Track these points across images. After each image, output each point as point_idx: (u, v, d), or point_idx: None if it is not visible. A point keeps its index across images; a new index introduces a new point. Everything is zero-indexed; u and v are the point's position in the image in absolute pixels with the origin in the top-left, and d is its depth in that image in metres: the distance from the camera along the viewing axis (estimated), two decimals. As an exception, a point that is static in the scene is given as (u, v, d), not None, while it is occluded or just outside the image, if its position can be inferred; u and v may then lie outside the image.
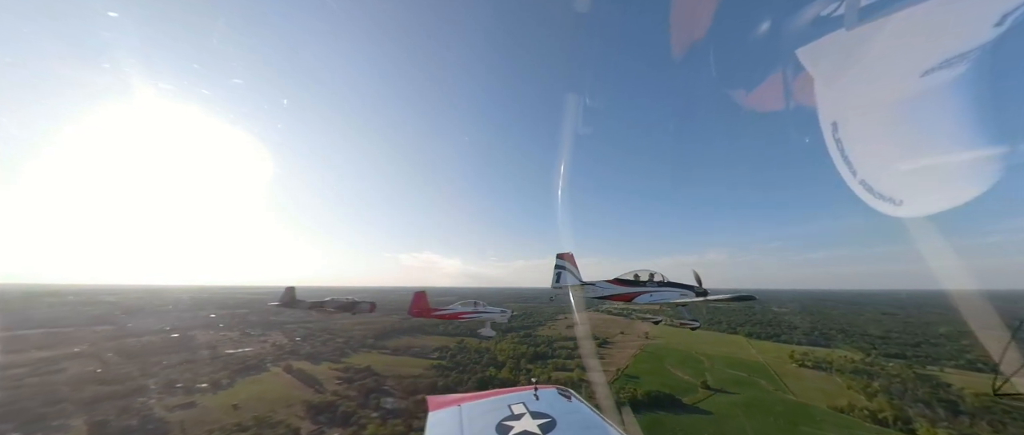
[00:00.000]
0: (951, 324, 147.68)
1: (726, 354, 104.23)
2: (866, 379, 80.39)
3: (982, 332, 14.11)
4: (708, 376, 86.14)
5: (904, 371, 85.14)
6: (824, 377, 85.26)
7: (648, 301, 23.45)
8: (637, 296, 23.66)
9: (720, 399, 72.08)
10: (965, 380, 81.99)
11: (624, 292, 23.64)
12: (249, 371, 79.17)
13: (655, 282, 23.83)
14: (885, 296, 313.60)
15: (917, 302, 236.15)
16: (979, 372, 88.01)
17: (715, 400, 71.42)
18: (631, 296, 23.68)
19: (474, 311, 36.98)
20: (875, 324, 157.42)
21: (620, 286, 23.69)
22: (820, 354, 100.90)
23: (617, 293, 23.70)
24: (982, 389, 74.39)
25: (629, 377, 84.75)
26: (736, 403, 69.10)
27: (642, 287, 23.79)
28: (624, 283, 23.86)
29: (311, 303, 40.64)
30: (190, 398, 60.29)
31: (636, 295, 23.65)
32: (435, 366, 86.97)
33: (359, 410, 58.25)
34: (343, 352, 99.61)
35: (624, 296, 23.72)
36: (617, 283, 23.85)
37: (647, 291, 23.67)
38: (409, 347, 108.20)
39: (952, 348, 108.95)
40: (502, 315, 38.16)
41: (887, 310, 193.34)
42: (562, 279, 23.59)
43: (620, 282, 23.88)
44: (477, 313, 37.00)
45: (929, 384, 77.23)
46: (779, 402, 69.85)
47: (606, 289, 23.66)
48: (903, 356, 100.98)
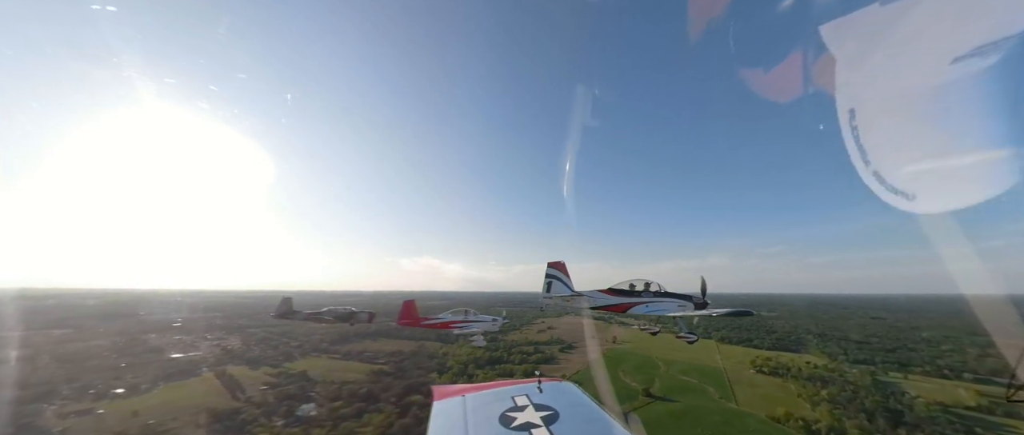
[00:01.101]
0: (936, 329, 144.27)
1: (686, 359, 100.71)
2: (819, 386, 76.76)
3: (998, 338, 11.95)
4: (657, 383, 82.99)
5: (862, 378, 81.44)
6: (778, 384, 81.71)
7: (644, 312, 22.31)
8: (632, 307, 22.56)
9: (658, 408, 68.93)
10: (928, 387, 78.22)
11: (618, 303, 22.55)
12: (179, 376, 77.38)
13: (651, 292, 22.60)
14: (882, 300, 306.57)
15: (913, 306, 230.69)
16: (945, 379, 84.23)
17: (652, 409, 68.27)
18: (625, 307, 22.62)
19: (464, 320, 36.05)
20: (859, 328, 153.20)
21: (614, 296, 22.60)
22: (785, 359, 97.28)
23: (611, 304, 22.64)
24: (942, 397, 70.69)
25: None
26: (673, 412, 65.93)
27: (637, 297, 22.60)
28: (618, 293, 22.69)
29: (307, 314, 40.31)
30: (95, 405, 58.39)
31: (630, 306, 22.55)
32: (376, 371, 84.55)
33: (261, 418, 56.01)
34: (290, 356, 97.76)
35: (618, 307, 22.69)
36: (611, 293, 22.69)
37: (642, 302, 22.48)
38: (362, 352, 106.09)
39: (928, 354, 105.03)
40: (493, 323, 36.99)
41: (877, 314, 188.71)
42: (553, 289, 22.69)
43: (614, 292, 22.72)
44: (467, 322, 36.01)
45: (885, 392, 73.55)
46: (718, 411, 66.56)
47: (599, 299, 22.57)
48: (872, 362, 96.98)
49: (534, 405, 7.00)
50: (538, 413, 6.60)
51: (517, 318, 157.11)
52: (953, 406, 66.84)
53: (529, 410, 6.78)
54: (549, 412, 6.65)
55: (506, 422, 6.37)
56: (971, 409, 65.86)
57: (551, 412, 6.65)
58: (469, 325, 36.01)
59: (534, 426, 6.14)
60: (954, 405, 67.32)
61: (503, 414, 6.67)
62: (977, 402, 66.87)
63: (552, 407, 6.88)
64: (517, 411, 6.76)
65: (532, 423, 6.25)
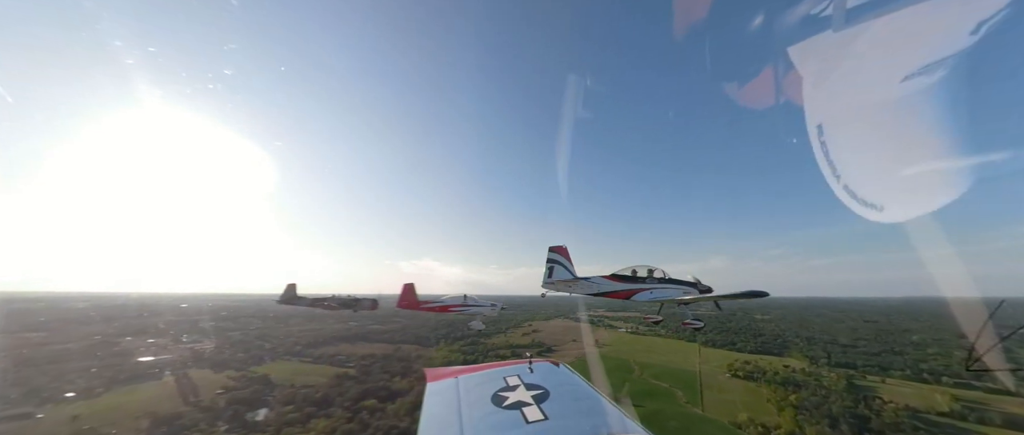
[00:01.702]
0: (927, 332, 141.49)
1: (663, 363, 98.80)
2: (790, 390, 74.71)
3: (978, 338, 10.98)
4: (627, 387, 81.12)
5: (837, 382, 79.27)
6: (751, 388, 79.72)
7: (648, 298, 21.94)
8: (635, 293, 22.13)
9: (620, 412, 67.11)
10: (904, 392, 76.15)
11: (621, 289, 22.14)
12: (139, 379, 76.39)
13: (655, 278, 22.30)
14: (883, 303, 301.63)
15: (912, 309, 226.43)
16: (924, 383, 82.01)
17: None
18: (629, 293, 22.16)
19: (463, 305, 36.20)
20: (849, 332, 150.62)
21: (617, 282, 22.22)
22: (763, 363, 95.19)
23: (614, 290, 22.19)
24: (916, 401, 68.61)
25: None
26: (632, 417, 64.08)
27: (641, 283, 22.24)
28: (621, 279, 22.37)
29: (312, 299, 41.42)
30: (37, 409, 57.39)
31: (634, 292, 22.12)
32: (340, 375, 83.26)
33: (202, 423, 54.80)
34: (259, 360, 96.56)
35: (621, 293, 22.21)
36: (614, 279, 22.37)
37: (646, 288, 22.14)
38: (335, 355, 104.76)
39: (912, 357, 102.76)
40: (492, 309, 36.94)
41: (871, 317, 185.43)
42: (555, 274, 22.17)
43: (617, 278, 22.40)
44: (466, 306, 36.18)
45: (857, 396, 71.41)
46: (680, 416, 64.73)
47: (602, 285, 22.19)
48: (853, 365, 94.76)
49: (525, 385, 7.14)
50: (529, 392, 6.78)
51: (505, 321, 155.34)
52: (924, 411, 64.76)
53: (520, 389, 6.95)
54: (540, 391, 6.81)
55: (498, 401, 6.56)
56: (943, 414, 63.76)
57: (542, 391, 6.82)
58: (467, 309, 36.10)
59: (525, 404, 6.35)
60: (926, 410, 65.24)
61: (495, 393, 6.84)
62: (950, 407, 64.75)
63: (542, 386, 7.02)
64: (509, 391, 6.93)
65: (523, 401, 6.44)
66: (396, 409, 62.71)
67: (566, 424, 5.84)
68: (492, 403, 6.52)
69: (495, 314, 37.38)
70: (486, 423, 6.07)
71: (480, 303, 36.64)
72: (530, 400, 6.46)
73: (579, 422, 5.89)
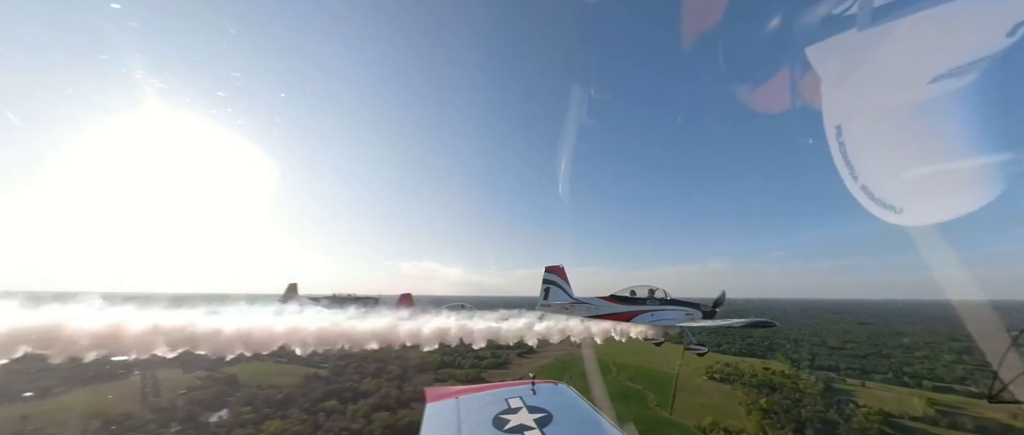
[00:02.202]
0: (920, 335, 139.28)
1: (643, 364, 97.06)
2: (765, 393, 73.11)
3: (984, 341, 14.01)
4: (600, 389, 79.69)
5: (814, 385, 77.62)
6: (725, 391, 78.17)
7: (648, 321, 21.01)
8: (635, 316, 21.24)
9: (585, 415, 65.76)
10: (883, 396, 74.53)
11: (620, 311, 21.27)
12: (105, 379, 75.55)
13: (656, 299, 21.29)
14: (881, 305, 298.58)
15: (910, 312, 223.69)
16: (905, 386, 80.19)
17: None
18: (628, 315, 21.31)
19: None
20: (841, 334, 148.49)
21: (616, 304, 21.34)
22: (745, 365, 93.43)
23: (613, 312, 21.31)
24: (892, 406, 66.90)
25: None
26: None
27: (641, 305, 21.27)
28: (620, 300, 21.42)
29: (312, 298, 41.63)
30: (-11, 409, 56.71)
31: (634, 314, 21.23)
32: (309, 376, 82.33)
33: (152, 424, 53.95)
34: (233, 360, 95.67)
35: (620, 315, 21.34)
36: (612, 300, 21.42)
37: (647, 310, 21.14)
38: (311, 355, 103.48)
39: (898, 360, 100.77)
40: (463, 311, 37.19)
41: (866, 320, 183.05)
42: (551, 296, 21.53)
43: (616, 299, 21.43)
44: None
45: (831, 400, 69.73)
46: (647, 419, 63.37)
47: (600, 307, 21.31)
48: (835, 368, 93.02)
49: (528, 407, 7.09)
50: (532, 415, 6.72)
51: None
52: (898, 416, 63.06)
53: (523, 412, 6.87)
54: (542, 414, 6.76)
55: (499, 424, 6.48)
56: (916, 419, 62.04)
57: (544, 414, 6.76)
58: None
59: (527, 428, 6.25)
60: (900, 415, 63.53)
61: (496, 416, 6.77)
62: (924, 412, 63.00)
63: (545, 409, 6.96)
64: (511, 413, 6.85)
65: (525, 425, 6.34)
66: (356, 410, 61.69)
67: None
68: (493, 426, 6.41)
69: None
70: None
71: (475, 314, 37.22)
72: (533, 424, 6.37)
73: None
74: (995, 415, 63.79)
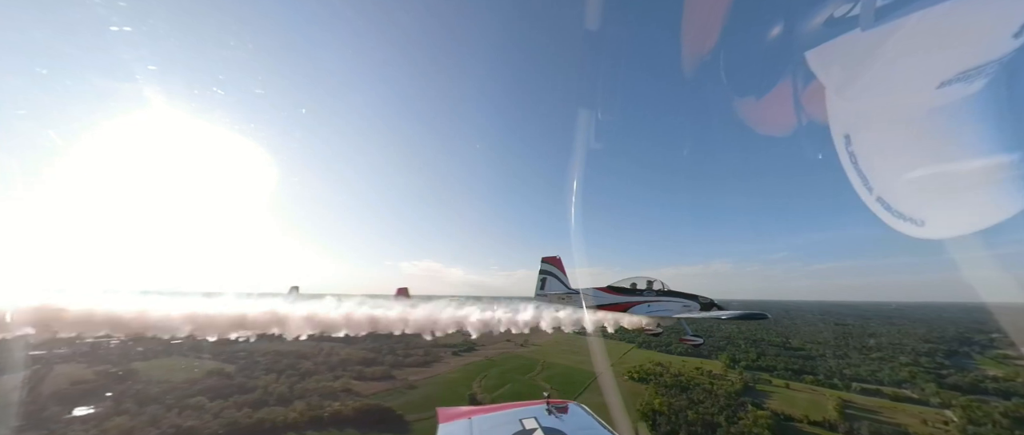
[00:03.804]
0: (890, 336, 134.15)
1: (572, 363, 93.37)
2: (675, 393, 69.27)
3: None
4: (507, 387, 76.50)
5: (732, 386, 73.36)
6: (636, 391, 74.17)
7: (646, 313, 21.13)
8: (632, 306, 21.37)
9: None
10: (800, 397, 70.87)
11: (618, 301, 21.38)
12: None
13: (654, 291, 21.30)
14: (875, 307, 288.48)
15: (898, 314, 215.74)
16: (833, 388, 75.75)
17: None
18: (625, 306, 21.41)
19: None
20: (811, 335, 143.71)
21: (614, 295, 21.42)
22: (678, 365, 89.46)
23: (610, 302, 21.45)
24: (801, 408, 62.48)
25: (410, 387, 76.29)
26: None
27: (639, 296, 21.35)
28: (618, 291, 21.46)
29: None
30: None
31: (631, 305, 21.36)
32: (213, 371, 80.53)
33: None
34: (153, 354, 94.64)
35: (618, 306, 21.44)
36: (610, 291, 21.51)
37: (644, 301, 21.24)
38: (237, 351, 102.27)
39: (850, 362, 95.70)
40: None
41: (846, 321, 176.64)
42: (548, 286, 21.71)
43: (614, 290, 21.50)
44: None
45: (737, 401, 65.37)
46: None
47: (597, 298, 21.49)
48: (772, 369, 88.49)
49: (543, 428, 7.07)
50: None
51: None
52: (797, 420, 58.79)
53: (538, 433, 6.88)
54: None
55: None
56: (814, 423, 57.58)
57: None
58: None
59: None
60: (801, 417, 59.08)
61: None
62: (825, 417, 58.63)
63: (561, 430, 7.00)
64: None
65: None
66: (214, 406, 59.57)
67: None
68: None
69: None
70: None
71: None
72: None
73: None
74: (906, 420, 59.12)
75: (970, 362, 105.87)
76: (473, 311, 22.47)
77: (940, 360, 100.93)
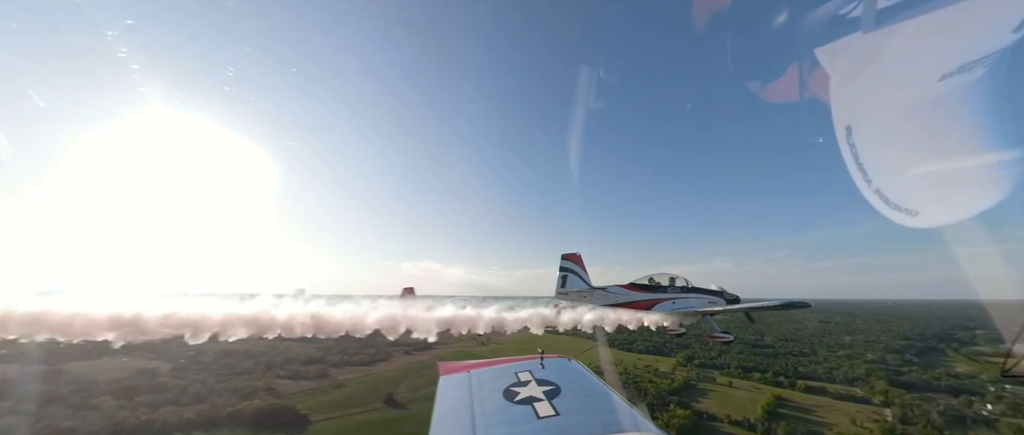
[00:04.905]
0: (868, 334, 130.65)
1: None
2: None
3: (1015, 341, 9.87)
4: (429, 389, 74.27)
5: (670, 384, 70.79)
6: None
7: (670, 309, 20.82)
8: (656, 304, 21.09)
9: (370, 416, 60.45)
10: (740, 395, 68.66)
11: (641, 299, 21.15)
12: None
13: (677, 288, 21.12)
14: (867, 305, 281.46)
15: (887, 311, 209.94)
16: (778, 386, 73.42)
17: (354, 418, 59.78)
18: (649, 304, 21.15)
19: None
20: (789, 332, 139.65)
21: (636, 292, 21.17)
22: (631, 362, 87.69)
23: (633, 300, 21.18)
24: (732, 408, 59.56)
25: (338, 387, 74.50)
26: (368, 422, 57.79)
27: (662, 293, 21.11)
28: (641, 288, 21.19)
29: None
30: None
31: (655, 302, 21.08)
32: (142, 370, 79.17)
33: None
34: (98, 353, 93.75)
35: (641, 304, 21.20)
36: (632, 288, 21.20)
37: (668, 298, 20.93)
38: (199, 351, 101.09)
39: (812, 359, 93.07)
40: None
41: (831, 319, 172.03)
42: (569, 283, 21.37)
43: (636, 287, 21.21)
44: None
45: (667, 399, 62.66)
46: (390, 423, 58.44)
47: (619, 295, 21.18)
48: (726, 367, 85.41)
49: (537, 380, 7.47)
50: (541, 387, 7.12)
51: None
52: (718, 419, 56.95)
53: (532, 385, 7.28)
54: (551, 386, 7.17)
55: (510, 396, 6.95)
56: (735, 422, 55.16)
57: (553, 386, 7.17)
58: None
59: (536, 400, 6.69)
60: (724, 417, 56.57)
61: (507, 389, 7.19)
62: (744, 416, 56.14)
63: (554, 382, 7.35)
64: (520, 386, 7.28)
65: (535, 397, 6.80)
66: (113, 406, 58.04)
67: (577, 420, 6.10)
68: (504, 398, 6.88)
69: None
70: (498, 418, 6.35)
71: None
72: (541, 395, 6.81)
73: (590, 418, 6.12)
74: (837, 419, 56.04)
75: (943, 359, 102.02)
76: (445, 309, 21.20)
77: (909, 357, 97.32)
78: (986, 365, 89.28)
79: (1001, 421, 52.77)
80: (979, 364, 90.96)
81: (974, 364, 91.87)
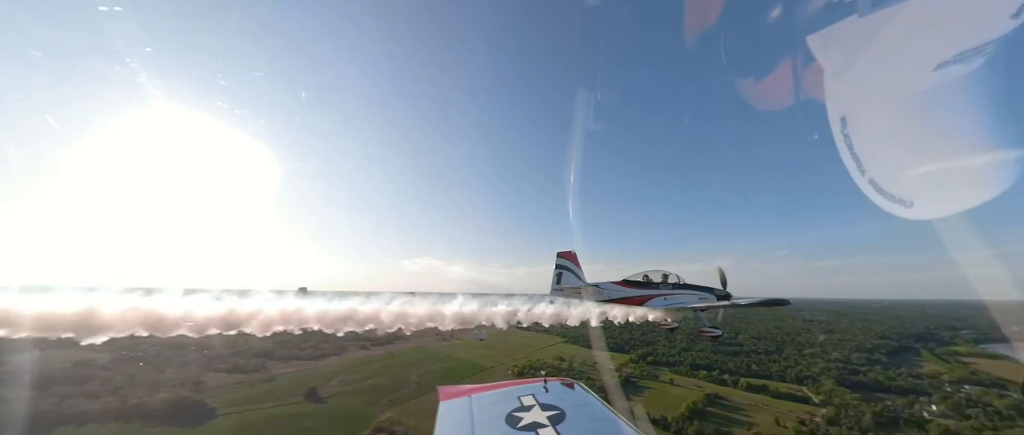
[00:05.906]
0: (843, 333, 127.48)
1: (475, 359, 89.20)
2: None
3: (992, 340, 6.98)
4: (370, 384, 72.68)
5: (616, 378, 68.42)
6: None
7: (662, 305, 21.37)
8: (648, 300, 21.61)
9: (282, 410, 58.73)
10: (677, 393, 65.72)
11: (634, 295, 21.66)
12: None
13: (669, 284, 21.64)
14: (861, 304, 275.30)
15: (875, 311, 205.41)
16: (721, 384, 70.81)
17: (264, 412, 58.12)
18: (642, 299, 21.68)
19: None
20: (768, 332, 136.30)
21: (629, 288, 21.66)
22: (582, 359, 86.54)
23: (626, 296, 21.68)
24: (668, 403, 57.27)
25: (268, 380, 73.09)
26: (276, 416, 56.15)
27: (655, 289, 21.62)
28: (634, 284, 21.71)
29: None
30: None
31: (647, 298, 21.61)
32: (80, 361, 78.41)
33: None
34: (56, 347, 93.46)
35: (634, 299, 21.71)
36: (626, 285, 21.76)
37: (660, 294, 21.47)
38: (136, 343, 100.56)
39: (773, 358, 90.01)
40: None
41: (816, 318, 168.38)
42: (564, 280, 21.97)
43: (629, 284, 21.76)
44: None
45: (604, 396, 60.19)
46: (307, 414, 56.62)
47: (613, 291, 21.71)
48: (677, 364, 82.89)
49: (540, 405, 7.19)
50: (545, 413, 6.81)
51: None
52: (637, 415, 53.39)
53: (536, 410, 6.98)
54: (555, 411, 6.86)
55: (512, 422, 6.64)
56: (655, 421, 52.83)
57: (557, 411, 6.86)
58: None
59: (541, 426, 6.39)
60: (657, 418, 54.54)
61: (510, 414, 6.90)
62: (663, 413, 53.91)
63: (558, 407, 7.06)
64: (523, 411, 6.98)
65: (539, 423, 6.51)
66: (24, 397, 56.75)
67: None
68: (507, 424, 6.57)
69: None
70: None
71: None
72: (545, 421, 6.51)
73: None
74: (762, 418, 53.27)
75: (914, 358, 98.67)
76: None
77: (877, 356, 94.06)
78: (954, 366, 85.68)
79: (933, 422, 49.85)
80: (948, 365, 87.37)
81: (943, 365, 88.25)
